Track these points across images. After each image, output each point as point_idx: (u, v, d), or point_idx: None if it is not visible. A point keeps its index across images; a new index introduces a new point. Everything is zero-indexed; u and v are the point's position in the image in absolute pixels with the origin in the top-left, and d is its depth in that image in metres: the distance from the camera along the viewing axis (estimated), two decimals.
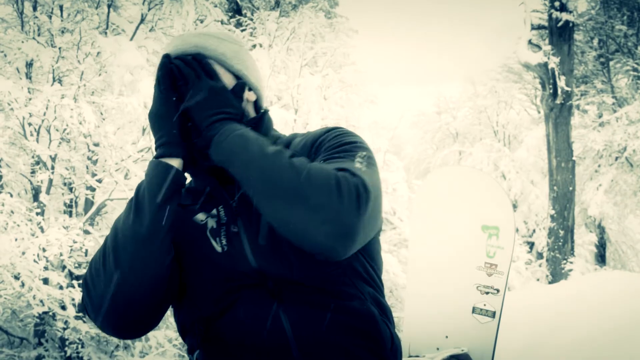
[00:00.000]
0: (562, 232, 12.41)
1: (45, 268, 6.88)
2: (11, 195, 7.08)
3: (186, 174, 1.35)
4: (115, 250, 1.24)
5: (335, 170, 1.18)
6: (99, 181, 8.00)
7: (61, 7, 8.28)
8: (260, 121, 1.40)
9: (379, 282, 1.41)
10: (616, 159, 13.84)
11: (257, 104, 1.46)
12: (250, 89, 1.43)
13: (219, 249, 1.30)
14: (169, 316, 7.58)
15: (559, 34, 12.58)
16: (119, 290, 1.23)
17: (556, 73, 12.35)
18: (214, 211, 1.34)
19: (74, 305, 7.09)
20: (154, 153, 1.32)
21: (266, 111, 1.44)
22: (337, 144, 1.32)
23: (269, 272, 1.26)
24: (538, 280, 13.36)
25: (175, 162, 1.28)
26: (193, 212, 1.35)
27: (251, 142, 1.21)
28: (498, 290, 1.58)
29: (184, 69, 1.29)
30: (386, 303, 1.41)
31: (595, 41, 15.06)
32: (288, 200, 1.15)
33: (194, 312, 1.32)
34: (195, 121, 1.28)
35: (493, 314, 1.57)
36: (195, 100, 1.27)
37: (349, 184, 1.15)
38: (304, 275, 1.23)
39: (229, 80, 1.38)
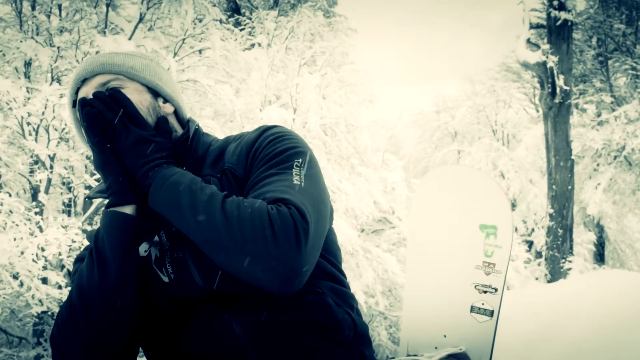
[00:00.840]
0: (561, 231, 12.42)
1: (44, 268, 6.88)
2: (10, 195, 7.07)
3: None
4: (85, 307, 1.22)
5: (267, 207, 1.16)
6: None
7: (60, 7, 8.27)
8: (189, 137, 1.39)
9: (337, 272, 1.40)
10: (615, 157, 13.85)
11: (178, 115, 1.45)
12: (166, 101, 1.42)
13: (165, 279, 1.29)
14: None
15: (558, 32, 12.59)
16: (93, 347, 1.22)
17: (555, 72, 12.36)
18: (156, 238, 1.33)
19: None
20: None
21: (190, 127, 1.42)
22: (272, 154, 1.30)
23: (219, 289, 1.26)
24: (537, 279, 13.38)
25: (129, 209, 1.26)
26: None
27: (183, 191, 1.19)
28: (496, 289, 1.58)
29: (107, 114, 1.26)
30: (347, 291, 1.40)
31: (594, 40, 15.06)
32: (227, 251, 1.14)
33: (154, 337, 1.33)
34: (129, 170, 1.26)
35: (491, 313, 1.57)
36: (124, 151, 1.25)
37: (284, 221, 1.14)
38: (254, 289, 1.22)
39: (144, 96, 1.36)
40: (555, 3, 12.51)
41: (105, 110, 1.26)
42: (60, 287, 7.06)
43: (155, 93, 1.40)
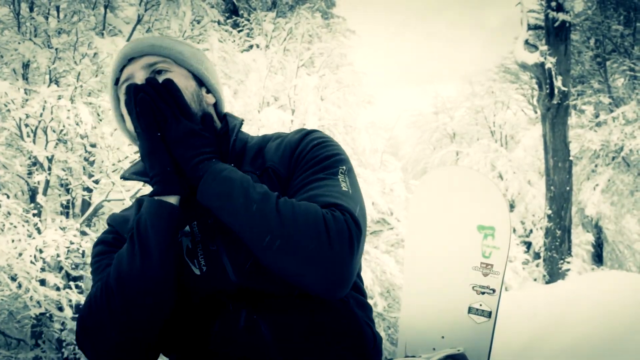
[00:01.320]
0: (559, 232, 12.43)
1: (42, 269, 6.87)
2: (8, 197, 7.07)
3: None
4: (123, 291, 1.19)
5: (321, 211, 1.16)
6: (96, 182, 7.98)
7: (58, 8, 8.27)
8: (228, 131, 1.38)
9: (359, 282, 1.41)
10: (613, 158, 13.86)
11: (217, 108, 1.44)
12: (208, 91, 1.41)
13: (197, 271, 1.27)
14: None
15: (556, 34, 12.60)
16: (126, 334, 1.20)
17: (553, 73, 12.37)
18: (187, 228, 1.31)
19: (70, 306, 7.08)
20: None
21: (230, 122, 1.41)
22: (318, 159, 1.30)
23: (250, 287, 1.24)
24: (535, 280, 13.38)
25: (173, 199, 1.25)
26: None
27: (236, 187, 1.18)
28: (494, 290, 1.58)
29: (159, 103, 1.25)
30: (367, 303, 1.40)
31: (592, 41, 15.07)
32: (280, 251, 1.14)
33: (176, 330, 1.30)
34: (178, 161, 1.25)
35: (489, 314, 1.57)
36: (175, 142, 1.24)
37: (339, 226, 1.14)
38: (286, 288, 1.22)
39: (189, 82, 1.35)
40: (553, 4, 12.53)
41: (157, 99, 1.25)
42: (58, 289, 7.05)
43: (200, 82, 1.40)
